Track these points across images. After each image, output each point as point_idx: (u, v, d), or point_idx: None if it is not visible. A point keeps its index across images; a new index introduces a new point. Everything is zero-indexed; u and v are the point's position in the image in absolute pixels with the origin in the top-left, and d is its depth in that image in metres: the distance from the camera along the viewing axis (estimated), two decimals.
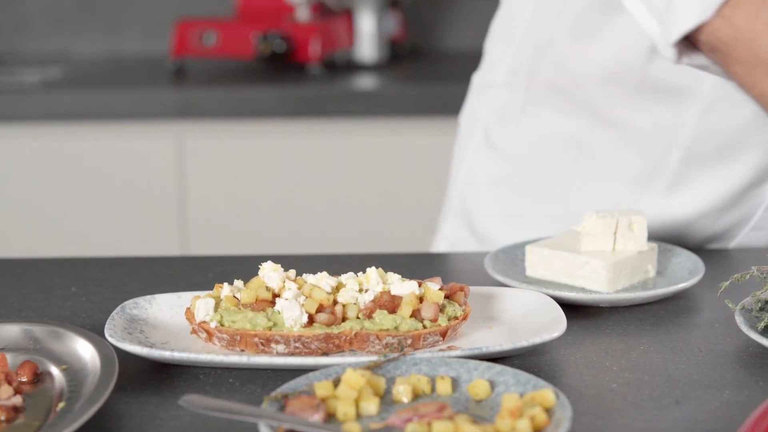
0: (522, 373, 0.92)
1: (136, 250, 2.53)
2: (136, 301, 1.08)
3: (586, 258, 1.16)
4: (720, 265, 1.25)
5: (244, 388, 0.97)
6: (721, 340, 1.05)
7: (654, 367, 1.00)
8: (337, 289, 1.04)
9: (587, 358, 1.02)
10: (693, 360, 1.01)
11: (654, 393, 0.95)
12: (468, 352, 0.98)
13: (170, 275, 1.27)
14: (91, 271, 1.28)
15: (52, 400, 0.93)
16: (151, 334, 1.05)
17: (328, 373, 0.92)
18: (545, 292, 1.12)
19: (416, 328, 1.00)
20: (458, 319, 1.03)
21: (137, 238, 2.60)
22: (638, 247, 1.18)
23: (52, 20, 3.11)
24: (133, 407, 0.93)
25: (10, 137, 2.59)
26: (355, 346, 1.00)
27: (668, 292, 1.15)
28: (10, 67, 2.89)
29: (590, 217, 1.19)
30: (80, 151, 2.60)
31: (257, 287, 1.03)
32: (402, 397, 0.92)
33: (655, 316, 1.12)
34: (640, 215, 1.19)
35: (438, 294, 1.03)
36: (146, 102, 2.58)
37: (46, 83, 2.68)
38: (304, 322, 1.00)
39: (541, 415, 0.85)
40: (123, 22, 3.12)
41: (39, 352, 1.00)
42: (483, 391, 0.91)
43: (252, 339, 1.00)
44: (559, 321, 1.03)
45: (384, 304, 1.02)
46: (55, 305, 1.17)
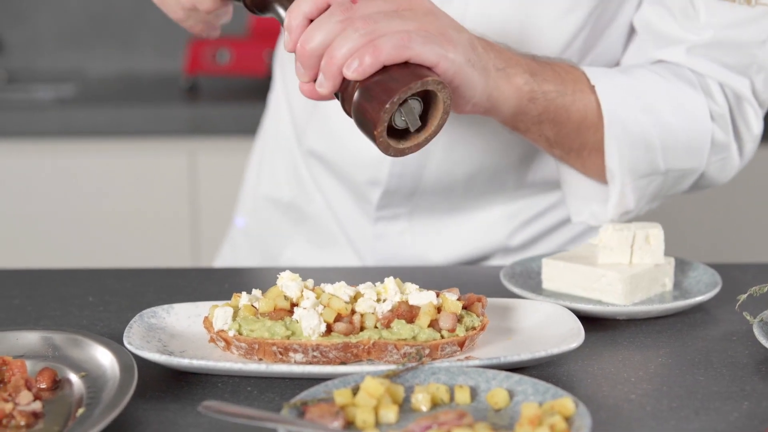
0: (541, 383, 0.91)
1: (149, 265, 2.54)
2: (154, 310, 1.08)
3: (602, 271, 1.16)
4: (737, 278, 1.25)
5: (262, 396, 0.97)
6: (739, 353, 1.05)
7: (672, 379, 1.00)
8: (355, 299, 1.04)
9: (605, 370, 1.02)
10: (711, 372, 1.01)
11: (673, 404, 0.94)
12: (486, 362, 0.98)
13: (186, 286, 1.27)
14: (107, 281, 1.29)
15: (72, 407, 0.93)
16: (169, 342, 1.05)
17: (347, 381, 0.92)
18: (562, 304, 1.12)
19: (434, 338, 1.00)
20: (476, 330, 1.03)
21: (150, 253, 2.61)
22: (655, 260, 1.18)
23: (66, 38, 3.12)
24: (152, 414, 0.93)
25: (25, 153, 2.60)
26: (373, 356, 1.00)
27: (686, 305, 1.15)
28: (24, 84, 2.91)
29: (607, 229, 1.19)
30: (94, 167, 2.61)
31: (275, 296, 1.03)
32: (421, 406, 0.92)
33: (673, 328, 1.12)
34: (657, 228, 1.19)
35: (456, 304, 1.03)
36: (159, 119, 2.59)
37: (60, 100, 2.69)
38: (322, 331, 1.00)
39: (560, 424, 0.85)
40: (137, 39, 3.13)
41: (58, 360, 1.00)
42: (502, 400, 0.91)
43: (270, 348, 1.00)
44: (577, 332, 1.03)
45: (402, 313, 1.02)
46: (72, 315, 1.17)
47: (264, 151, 1.62)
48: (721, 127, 1.28)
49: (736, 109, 1.29)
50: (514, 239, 1.47)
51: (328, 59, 1.03)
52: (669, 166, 1.27)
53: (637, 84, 1.26)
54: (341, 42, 1.03)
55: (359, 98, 1.02)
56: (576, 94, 1.21)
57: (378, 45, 1.02)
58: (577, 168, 1.29)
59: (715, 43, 1.26)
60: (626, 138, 1.24)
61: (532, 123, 1.20)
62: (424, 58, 1.04)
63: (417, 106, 1.04)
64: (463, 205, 1.44)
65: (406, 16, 1.05)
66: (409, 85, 1.01)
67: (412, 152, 1.06)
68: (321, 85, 1.05)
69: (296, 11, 1.06)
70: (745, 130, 1.31)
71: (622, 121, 1.23)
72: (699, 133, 1.27)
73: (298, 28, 1.06)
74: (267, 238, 1.58)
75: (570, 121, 1.22)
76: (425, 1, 1.08)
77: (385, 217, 1.44)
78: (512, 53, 1.17)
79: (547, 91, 1.19)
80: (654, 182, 1.28)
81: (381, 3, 1.05)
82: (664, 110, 1.26)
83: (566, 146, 1.25)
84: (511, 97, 1.16)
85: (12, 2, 3.09)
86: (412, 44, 1.03)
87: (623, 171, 1.25)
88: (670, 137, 1.26)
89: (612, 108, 1.23)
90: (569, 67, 1.24)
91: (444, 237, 1.45)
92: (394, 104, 1.01)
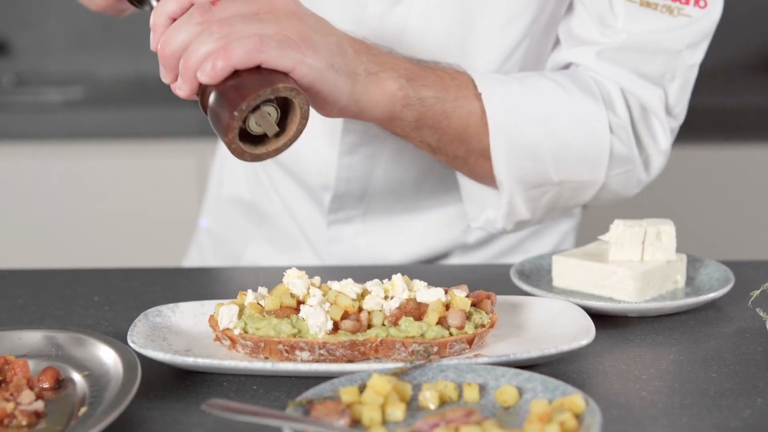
0: (551, 380, 0.90)
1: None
2: (159, 309, 1.07)
3: (613, 267, 1.15)
4: (750, 276, 1.23)
5: (268, 395, 0.95)
6: (752, 349, 1.04)
7: (684, 376, 0.98)
8: (362, 296, 1.03)
9: (616, 367, 1.01)
10: (724, 369, 0.99)
11: (685, 401, 0.93)
12: (495, 359, 0.96)
13: (191, 285, 1.26)
14: (112, 281, 1.27)
15: (74, 406, 0.92)
16: (174, 341, 1.03)
17: (354, 379, 0.91)
18: (573, 302, 1.10)
19: (442, 336, 0.99)
20: (485, 327, 1.01)
21: (158, 255, 2.59)
22: (666, 256, 1.17)
23: (75, 41, 3.11)
24: (156, 413, 0.92)
25: (34, 155, 2.59)
26: (381, 354, 0.99)
27: (698, 302, 1.13)
28: (33, 87, 2.90)
29: (618, 226, 1.17)
30: (102, 169, 2.60)
31: (282, 294, 1.02)
32: (429, 404, 0.90)
33: (685, 325, 1.11)
34: (668, 224, 1.17)
35: (465, 301, 1.01)
36: (168, 121, 2.58)
37: (69, 103, 2.68)
38: (328, 329, 0.99)
39: (570, 421, 0.83)
40: (145, 42, 3.09)
41: (61, 359, 0.99)
42: (511, 398, 0.90)
43: (276, 346, 0.98)
44: (587, 329, 1.01)
45: (410, 311, 1.00)
46: (77, 314, 1.16)
47: (225, 154, 1.60)
48: (621, 139, 1.25)
49: (641, 121, 1.27)
50: (471, 236, 1.45)
51: (184, 62, 1.01)
52: (563, 178, 1.25)
53: (531, 93, 1.24)
54: (197, 45, 1.01)
55: (213, 103, 1.01)
56: (458, 101, 1.19)
57: (230, 49, 0.99)
58: (467, 174, 1.27)
59: (628, 47, 1.24)
60: (514, 147, 1.21)
61: (410, 129, 1.18)
62: (277, 63, 1.01)
63: (273, 112, 1.02)
64: (416, 205, 1.43)
65: (266, 19, 1.03)
66: (258, 92, 0.99)
67: (270, 157, 1.05)
68: (179, 87, 1.03)
69: (161, 10, 1.04)
70: (651, 143, 1.28)
71: (509, 131, 1.21)
72: (596, 145, 1.24)
73: (161, 27, 1.04)
74: (229, 238, 1.58)
75: (451, 128, 1.19)
76: (289, 3, 1.05)
77: (339, 220, 1.42)
78: (390, 57, 1.15)
79: (425, 97, 1.16)
80: (548, 193, 1.26)
81: (241, 5, 1.03)
82: (558, 121, 1.23)
83: (450, 153, 1.23)
84: (382, 102, 1.13)
85: (20, 6, 3.09)
86: (265, 48, 1.00)
87: (511, 180, 1.23)
88: (563, 148, 1.23)
89: (498, 117, 1.20)
90: (456, 73, 1.21)
91: (399, 237, 1.44)
92: (243, 111, 0.99)
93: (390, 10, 1.27)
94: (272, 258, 1.51)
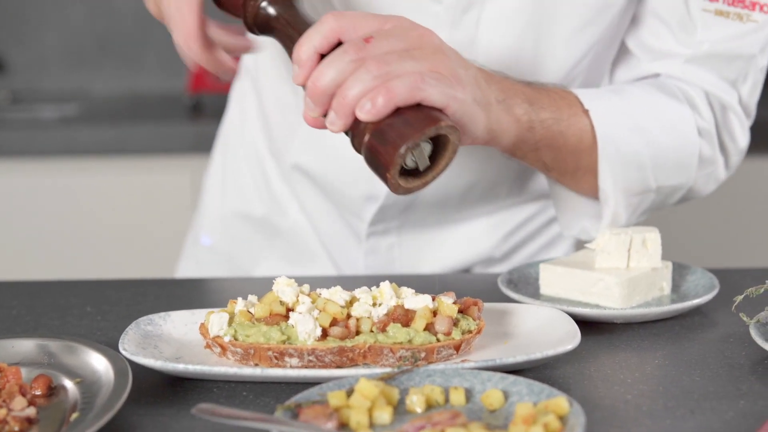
0: (536, 383, 0.91)
1: None
2: (150, 318, 1.09)
3: (599, 275, 1.16)
4: (735, 283, 1.25)
5: (257, 401, 0.96)
6: (736, 354, 1.05)
7: (669, 380, 1.00)
8: (351, 304, 1.04)
9: (602, 372, 1.02)
10: (708, 372, 1.01)
11: (669, 403, 0.94)
12: (482, 364, 0.97)
13: (184, 296, 1.27)
14: (105, 291, 1.29)
15: (66, 412, 0.93)
16: (165, 349, 1.05)
17: (342, 383, 0.92)
18: (560, 308, 1.11)
19: (430, 342, 1.00)
20: (472, 333, 1.03)
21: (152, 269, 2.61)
22: (652, 263, 1.18)
23: (70, 58, 3.14)
24: (147, 419, 0.93)
25: (29, 172, 2.61)
26: (369, 360, 1.00)
27: (683, 308, 1.14)
28: (28, 104, 2.92)
29: (604, 234, 1.19)
30: (98, 185, 2.62)
31: (271, 301, 1.03)
32: (415, 407, 0.91)
33: (670, 331, 1.12)
34: (654, 232, 1.19)
35: (452, 307, 1.03)
36: (163, 137, 2.60)
37: (64, 119, 2.70)
38: (317, 336, 1.00)
39: (554, 423, 0.84)
40: (140, 59, 3.14)
41: (53, 367, 1.00)
42: (497, 401, 0.91)
43: (266, 353, 1.00)
44: (573, 334, 1.02)
45: (398, 317, 1.02)
46: (70, 324, 1.17)
47: (226, 168, 1.60)
48: (708, 142, 1.29)
49: (722, 122, 1.31)
50: (499, 249, 1.48)
51: (340, 99, 1.02)
52: (660, 184, 1.28)
53: (628, 104, 1.27)
54: (354, 83, 1.02)
55: (372, 140, 1.02)
56: (571, 119, 1.22)
57: (391, 87, 1.01)
58: (571, 187, 1.29)
59: (710, 55, 1.28)
60: (619, 159, 1.24)
61: (530, 150, 1.21)
62: (435, 99, 1.03)
63: (427, 148, 1.04)
64: (454, 217, 1.44)
65: (417, 56, 1.04)
66: (424, 130, 1.00)
67: (419, 189, 1.06)
68: (332, 123, 1.04)
69: (307, 45, 1.05)
70: (731, 143, 1.32)
71: (615, 143, 1.24)
72: (687, 150, 1.28)
73: (309, 62, 1.04)
74: (237, 255, 1.57)
75: (566, 146, 1.22)
76: (434, 39, 1.07)
77: (377, 232, 1.44)
78: (510, 82, 1.17)
79: (545, 118, 1.19)
80: (646, 200, 1.29)
81: (394, 42, 1.04)
82: (654, 129, 1.26)
83: (562, 169, 1.26)
84: (511, 128, 1.16)
85: (16, 22, 3.11)
86: (424, 86, 1.02)
87: (616, 192, 1.25)
88: (660, 155, 1.26)
89: (605, 130, 1.23)
90: (563, 92, 1.24)
91: (431, 250, 1.46)
92: (408, 149, 1.00)
93: (460, 17, 1.28)
94: (286, 273, 1.51)
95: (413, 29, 1.06)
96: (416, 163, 1.04)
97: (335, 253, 1.48)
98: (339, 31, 1.04)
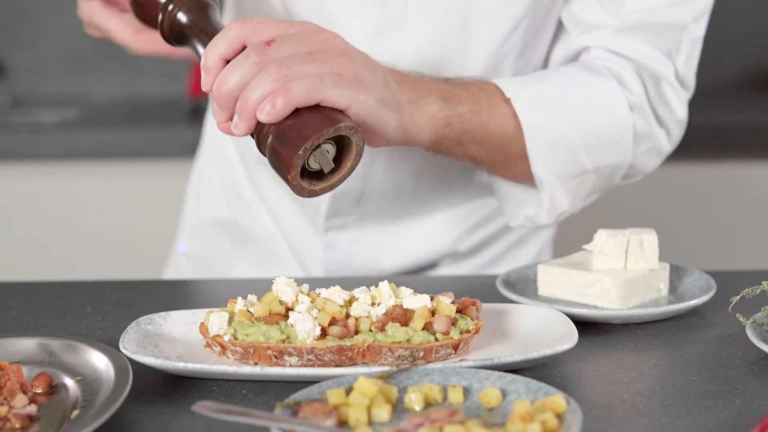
0: (533, 382, 0.92)
1: None
2: (150, 317, 1.09)
3: (597, 276, 1.17)
4: (732, 284, 1.25)
5: (257, 399, 0.97)
6: (732, 354, 1.06)
7: (665, 379, 1.00)
8: (350, 303, 1.05)
9: (599, 371, 1.03)
10: (705, 372, 1.01)
11: (665, 402, 0.95)
12: (480, 363, 0.98)
13: (183, 296, 1.28)
14: (105, 292, 1.29)
15: (67, 410, 0.94)
16: (165, 348, 1.05)
17: (341, 381, 0.93)
18: (557, 309, 1.12)
19: (428, 341, 1.01)
20: (470, 333, 1.03)
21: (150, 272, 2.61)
22: (649, 265, 1.19)
23: (70, 62, 3.14)
24: (147, 417, 0.94)
25: (29, 175, 2.62)
26: (368, 359, 1.01)
27: (680, 309, 1.15)
28: (28, 108, 2.93)
29: (601, 236, 1.19)
30: (97, 189, 2.63)
31: (271, 301, 1.04)
32: (414, 405, 0.92)
33: (667, 332, 1.13)
34: (651, 233, 1.19)
35: (450, 307, 1.03)
36: (162, 141, 2.60)
37: (64, 123, 2.71)
38: (316, 335, 1.01)
39: (552, 420, 0.85)
40: (140, 63, 3.14)
41: (54, 365, 1.01)
42: (494, 399, 0.92)
43: (265, 352, 1.00)
44: (570, 334, 1.03)
45: (396, 317, 1.02)
46: (70, 324, 1.18)
47: (201, 175, 1.62)
48: (641, 116, 1.31)
49: (655, 95, 1.32)
50: (462, 244, 1.48)
51: (242, 102, 1.04)
52: (596, 165, 1.29)
53: (552, 89, 1.28)
54: (255, 85, 1.03)
55: (273, 142, 1.03)
56: (492, 109, 1.23)
57: (290, 89, 1.02)
58: (507, 177, 1.31)
59: (639, 26, 1.30)
60: (548, 144, 1.26)
61: (452, 145, 1.22)
62: (335, 101, 1.04)
63: (330, 149, 1.05)
64: (411, 209, 1.44)
65: (319, 58, 1.06)
66: (322, 132, 1.02)
67: (325, 192, 1.07)
68: (236, 126, 1.06)
69: (213, 51, 1.06)
70: (668, 114, 1.33)
71: (541, 129, 1.25)
72: (620, 128, 1.30)
73: (215, 68, 1.06)
74: (211, 261, 1.58)
75: (490, 137, 1.23)
76: (339, 42, 1.08)
77: (335, 226, 1.44)
78: (425, 81, 1.19)
79: (462, 113, 1.20)
80: (585, 182, 1.30)
81: (295, 45, 1.05)
82: (582, 110, 1.28)
83: (492, 161, 1.27)
84: (426, 126, 1.17)
85: (16, 26, 3.12)
86: (323, 87, 1.03)
87: (551, 176, 1.27)
88: (591, 135, 1.28)
89: (529, 117, 1.25)
90: (482, 84, 1.25)
91: (393, 244, 1.46)
92: (307, 150, 1.02)
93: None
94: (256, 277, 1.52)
95: (317, 33, 1.08)
96: (320, 165, 1.05)
97: (301, 255, 1.48)
98: (243, 37, 1.06)
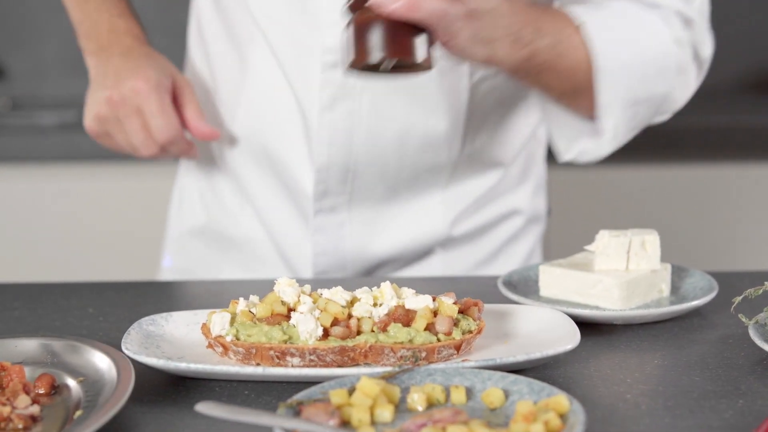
0: (536, 382, 0.92)
1: None
2: (152, 318, 1.09)
3: (599, 277, 1.17)
4: (734, 285, 1.25)
5: (259, 400, 0.97)
6: (735, 354, 1.06)
7: (668, 380, 1.00)
8: (352, 303, 1.05)
9: (601, 372, 1.03)
10: (707, 373, 1.01)
11: (668, 402, 0.95)
12: (482, 363, 0.98)
13: (185, 297, 1.28)
14: (106, 293, 1.29)
15: (69, 410, 0.94)
16: (167, 349, 1.05)
17: (343, 382, 0.93)
18: (559, 310, 1.12)
19: (430, 342, 1.01)
20: (472, 333, 1.03)
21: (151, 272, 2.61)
22: (651, 266, 1.19)
23: (70, 65, 3.14)
24: (149, 417, 0.94)
25: (29, 177, 2.61)
26: (370, 359, 1.01)
27: (682, 309, 1.15)
28: (28, 111, 2.92)
29: (603, 236, 1.19)
30: (97, 190, 2.62)
31: (273, 302, 1.04)
32: (417, 406, 0.92)
33: (669, 332, 1.13)
34: (653, 234, 1.19)
35: (452, 308, 1.03)
36: None
37: (63, 126, 2.70)
38: (319, 336, 1.01)
39: (555, 420, 0.85)
40: None
41: (56, 366, 1.01)
42: (497, 400, 0.92)
43: (267, 352, 1.00)
44: (572, 334, 1.03)
45: (398, 317, 1.02)
46: (72, 325, 1.18)
47: (183, 190, 1.62)
48: (681, 50, 1.35)
49: (690, 33, 1.36)
50: (456, 229, 1.48)
51: None
52: (649, 93, 1.33)
53: (615, 17, 1.33)
54: None
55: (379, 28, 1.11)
56: (570, 39, 1.28)
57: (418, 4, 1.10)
58: (569, 106, 1.35)
59: None
60: (613, 69, 1.30)
61: (531, 74, 1.27)
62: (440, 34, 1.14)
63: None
64: (400, 189, 1.44)
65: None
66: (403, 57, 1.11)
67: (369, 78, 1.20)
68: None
69: None
70: (702, 51, 1.38)
71: (608, 55, 1.30)
72: (667, 58, 1.34)
73: None
74: (196, 271, 1.57)
75: (564, 68, 1.29)
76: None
77: (324, 208, 1.43)
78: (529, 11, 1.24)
79: (546, 44, 1.25)
80: (639, 113, 1.34)
81: None
82: (640, 38, 1.33)
83: (561, 89, 1.32)
84: (513, 58, 1.23)
85: (16, 29, 3.11)
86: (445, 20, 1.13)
87: (616, 102, 1.31)
88: (647, 65, 1.33)
89: (599, 44, 1.29)
90: (560, 13, 1.31)
91: (384, 227, 1.45)
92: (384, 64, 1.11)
93: None
94: None
95: None
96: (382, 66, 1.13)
97: (288, 254, 1.47)
98: None
